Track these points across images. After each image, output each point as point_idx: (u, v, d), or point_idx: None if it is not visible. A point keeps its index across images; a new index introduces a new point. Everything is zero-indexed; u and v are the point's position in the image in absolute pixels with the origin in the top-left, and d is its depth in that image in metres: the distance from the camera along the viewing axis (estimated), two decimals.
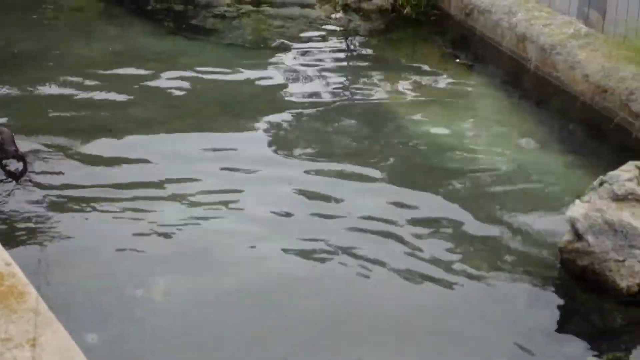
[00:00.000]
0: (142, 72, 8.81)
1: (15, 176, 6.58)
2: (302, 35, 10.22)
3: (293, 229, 6.14)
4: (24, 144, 6.86)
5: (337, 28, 10.51)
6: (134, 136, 7.43)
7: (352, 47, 9.97)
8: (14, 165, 6.69)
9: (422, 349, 5.09)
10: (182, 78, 8.69)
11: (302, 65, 9.22)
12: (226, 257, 5.82)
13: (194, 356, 4.95)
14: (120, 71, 8.84)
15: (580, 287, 5.51)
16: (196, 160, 7.02)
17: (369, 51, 9.84)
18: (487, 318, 5.31)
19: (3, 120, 7.47)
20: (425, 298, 5.47)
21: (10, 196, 6.37)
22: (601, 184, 5.56)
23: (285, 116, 7.90)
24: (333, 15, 10.86)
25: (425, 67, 9.25)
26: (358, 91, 8.58)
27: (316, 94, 8.43)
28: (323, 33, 10.30)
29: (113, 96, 8.20)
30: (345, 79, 8.89)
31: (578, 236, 5.49)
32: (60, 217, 6.14)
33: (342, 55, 9.64)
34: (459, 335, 5.20)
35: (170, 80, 8.60)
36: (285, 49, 9.75)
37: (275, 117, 7.86)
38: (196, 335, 5.07)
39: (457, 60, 9.63)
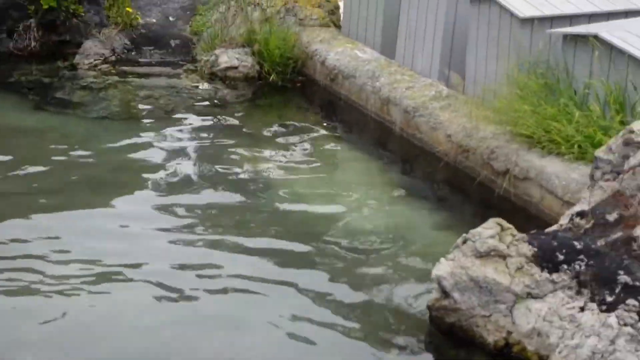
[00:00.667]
0: (3, 150, 8.65)
1: None
2: (169, 105, 10.20)
3: (168, 299, 6.09)
4: None
5: (204, 97, 10.54)
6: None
7: (219, 116, 9.98)
8: None
9: None
10: (46, 154, 8.56)
11: (169, 136, 9.18)
12: (106, 331, 5.73)
13: None
14: None
15: (449, 343, 5.60)
16: (62, 237, 6.90)
17: (237, 119, 9.87)
18: None
19: None
20: None
21: None
22: (465, 241, 5.67)
23: (151, 190, 7.84)
24: (200, 85, 10.90)
25: (293, 133, 9.32)
26: (225, 160, 8.56)
27: (183, 165, 8.36)
28: (190, 103, 10.30)
29: None
30: (212, 148, 8.89)
31: (445, 293, 5.58)
32: None
33: (209, 124, 9.62)
34: None
35: (33, 157, 8.48)
36: (152, 120, 9.71)
37: (141, 191, 7.81)
38: None
39: (324, 124, 9.75)
